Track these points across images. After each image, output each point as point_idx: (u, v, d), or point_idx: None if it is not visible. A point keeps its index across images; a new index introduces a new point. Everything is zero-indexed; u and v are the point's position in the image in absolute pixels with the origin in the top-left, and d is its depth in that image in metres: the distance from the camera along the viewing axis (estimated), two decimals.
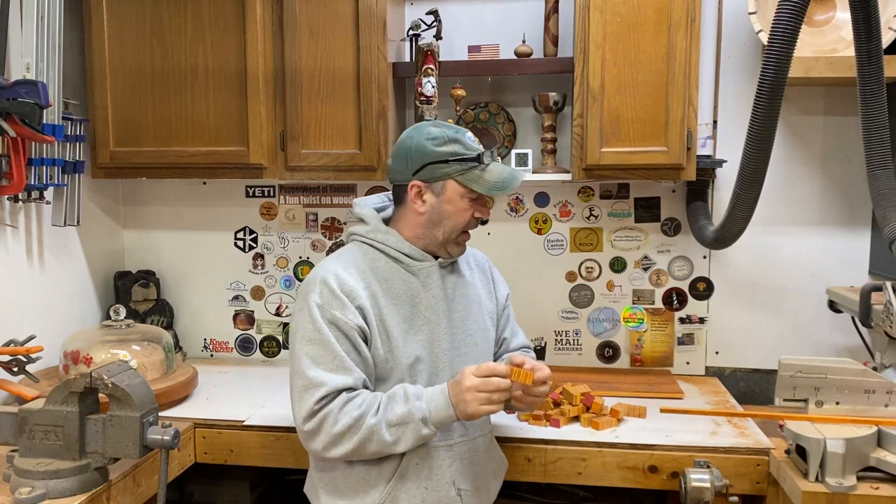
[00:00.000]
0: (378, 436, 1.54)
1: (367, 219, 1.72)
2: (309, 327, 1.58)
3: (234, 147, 2.33)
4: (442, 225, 1.67)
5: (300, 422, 1.57)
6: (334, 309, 1.58)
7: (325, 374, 1.55)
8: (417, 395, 1.57)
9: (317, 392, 1.54)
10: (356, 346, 1.59)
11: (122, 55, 2.36)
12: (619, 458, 1.88)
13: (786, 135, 2.41)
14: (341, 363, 1.56)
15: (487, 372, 1.53)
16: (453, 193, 1.65)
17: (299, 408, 1.57)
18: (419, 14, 2.48)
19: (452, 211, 1.66)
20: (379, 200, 1.80)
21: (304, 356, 1.57)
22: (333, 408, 1.54)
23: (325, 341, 1.57)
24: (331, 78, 2.28)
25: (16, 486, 1.56)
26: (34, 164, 2.12)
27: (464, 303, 1.75)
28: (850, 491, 1.59)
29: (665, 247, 2.54)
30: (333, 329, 1.57)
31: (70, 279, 2.49)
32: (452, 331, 1.71)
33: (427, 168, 1.63)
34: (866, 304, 1.94)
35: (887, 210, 1.66)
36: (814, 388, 1.73)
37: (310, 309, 1.59)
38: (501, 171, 1.67)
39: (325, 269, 1.64)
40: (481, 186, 1.64)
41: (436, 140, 1.63)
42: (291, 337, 1.64)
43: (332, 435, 1.54)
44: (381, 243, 1.68)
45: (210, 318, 2.78)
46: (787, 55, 1.57)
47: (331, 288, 1.59)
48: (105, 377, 1.58)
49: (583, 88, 2.19)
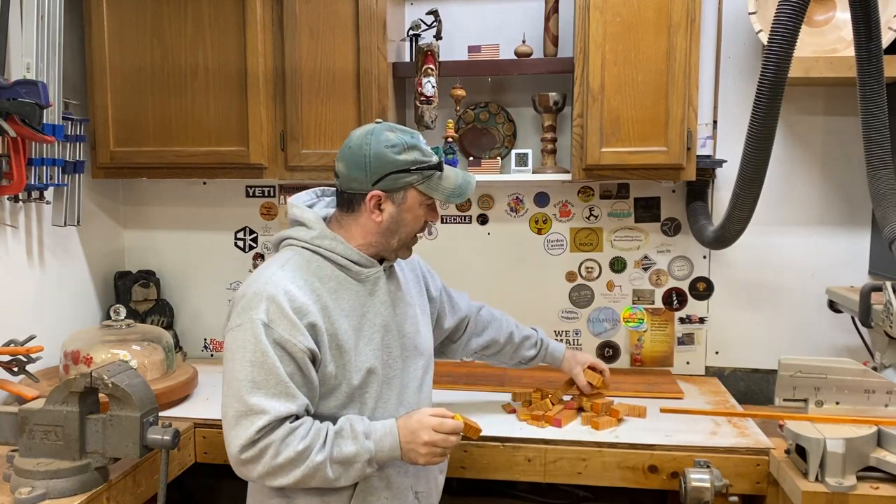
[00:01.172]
0: (321, 473, 1.46)
1: (311, 223, 1.60)
2: (251, 348, 1.45)
3: (234, 147, 2.33)
4: (398, 233, 1.60)
5: (235, 450, 1.44)
6: (282, 329, 1.45)
7: (266, 400, 1.43)
8: (366, 433, 1.50)
9: (257, 420, 1.42)
10: (302, 368, 1.48)
11: (122, 55, 2.36)
12: (619, 458, 1.88)
13: (786, 135, 2.41)
14: (285, 388, 1.45)
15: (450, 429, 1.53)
16: (413, 202, 1.58)
17: (236, 435, 1.44)
18: (419, 14, 2.48)
19: (411, 219, 1.60)
20: (310, 198, 1.70)
21: (243, 379, 1.44)
22: (275, 438, 1.43)
23: (268, 364, 1.44)
24: (331, 78, 2.28)
25: (16, 485, 1.56)
26: (34, 164, 2.12)
27: (402, 306, 1.68)
28: (850, 491, 1.59)
29: (665, 247, 2.54)
30: (278, 350, 1.45)
31: (70, 279, 2.49)
32: (400, 337, 1.65)
33: (389, 178, 1.54)
34: (866, 304, 1.94)
35: (887, 210, 1.66)
36: (814, 388, 1.74)
37: (253, 327, 1.45)
38: (456, 175, 1.61)
39: (271, 282, 1.49)
40: (441, 194, 1.59)
41: (395, 148, 1.54)
42: (228, 355, 1.49)
43: (271, 466, 1.44)
44: (329, 250, 1.57)
45: (210, 318, 2.78)
46: (787, 55, 1.57)
47: (279, 305, 1.46)
48: (105, 377, 1.58)
49: (583, 88, 2.19)
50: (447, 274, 2.56)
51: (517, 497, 2.28)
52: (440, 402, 2.18)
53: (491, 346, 2.04)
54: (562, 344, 2.14)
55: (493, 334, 2.03)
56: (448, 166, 1.62)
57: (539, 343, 2.08)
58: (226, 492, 2.33)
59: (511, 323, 2.07)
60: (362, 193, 1.56)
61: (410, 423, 1.54)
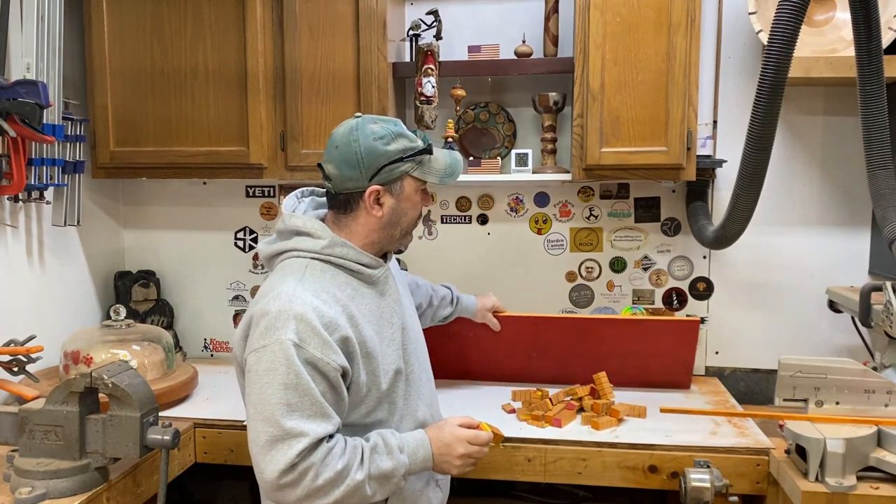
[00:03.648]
0: (361, 491, 1.45)
1: (318, 233, 1.55)
2: (282, 370, 1.40)
3: (235, 147, 2.33)
4: (400, 224, 1.59)
5: (273, 475, 1.39)
6: (313, 348, 1.41)
7: (303, 422, 1.39)
8: (400, 446, 1.50)
9: (296, 444, 1.38)
10: (334, 386, 1.45)
11: (122, 55, 2.36)
12: (619, 458, 1.88)
13: (786, 135, 2.41)
14: (320, 409, 1.42)
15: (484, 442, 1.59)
16: (410, 190, 1.57)
17: (271, 460, 1.39)
18: (419, 14, 2.48)
19: (410, 207, 1.58)
20: (293, 203, 1.66)
21: (277, 403, 1.39)
22: (315, 460, 1.40)
23: (302, 386, 1.40)
24: (331, 78, 2.28)
25: (16, 486, 1.56)
26: (34, 164, 2.12)
27: (404, 299, 1.69)
28: (850, 491, 1.59)
29: (665, 247, 2.55)
30: (311, 370, 1.41)
31: (70, 279, 2.49)
32: (411, 332, 1.66)
33: (384, 170, 1.52)
34: (866, 304, 1.94)
35: (887, 210, 1.66)
36: (814, 388, 1.74)
37: (284, 348, 1.40)
38: (444, 156, 1.60)
39: (296, 300, 1.44)
40: (435, 176, 1.58)
41: (384, 139, 1.52)
42: (254, 377, 1.42)
43: (310, 489, 1.40)
44: (341, 258, 1.54)
45: (210, 318, 2.79)
46: (787, 55, 1.57)
47: (310, 323, 1.42)
48: (105, 377, 1.58)
49: (583, 88, 2.19)
50: (447, 274, 2.57)
51: (517, 497, 2.28)
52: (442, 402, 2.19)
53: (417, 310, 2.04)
54: (472, 296, 2.24)
55: (419, 299, 2.08)
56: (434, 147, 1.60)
57: (454, 300, 2.19)
58: (226, 492, 2.33)
59: (427, 286, 2.13)
60: (359, 191, 1.54)
61: (443, 435, 1.56)
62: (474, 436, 1.58)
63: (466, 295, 2.24)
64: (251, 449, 1.43)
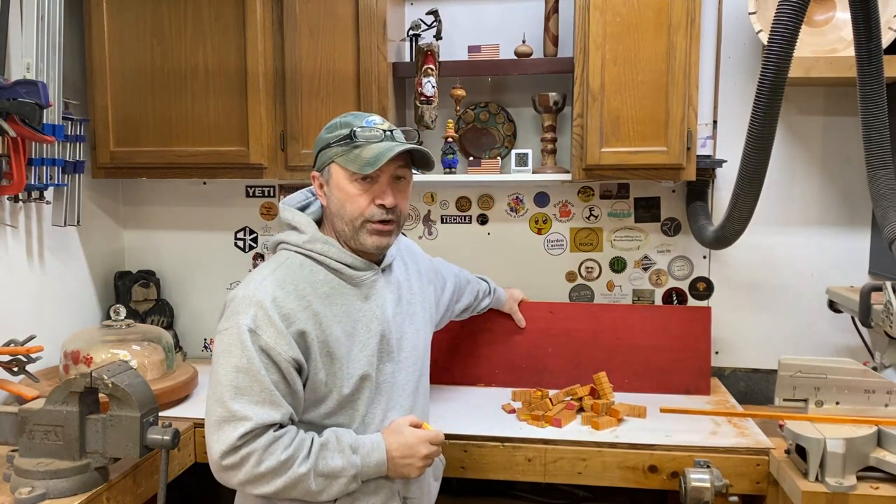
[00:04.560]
0: (304, 484, 1.44)
1: (302, 227, 1.57)
2: (237, 353, 1.43)
3: (235, 147, 2.33)
4: (342, 215, 1.55)
5: (217, 455, 1.42)
6: (267, 337, 1.43)
7: (249, 407, 1.41)
8: (353, 447, 1.49)
9: (239, 427, 1.40)
10: (287, 377, 1.45)
11: (122, 55, 2.36)
12: (619, 458, 1.88)
13: (786, 135, 2.41)
14: (269, 396, 1.42)
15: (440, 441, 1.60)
16: (338, 178, 1.54)
17: (217, 440, 1.41)
18: (419, 14, 2.48)
19: (344, 197, 1.53)
20: (303, 197, 1.68)
21: (227, 384, 1.42)
22: (258, 447, 1.41)
23: (253, 371, 1.42)
24: (331, 78, 2.28)
25: (16, 486, 1.56)
26: (34, 164, 2.12)
27: (403, 305, 1.67)
28: (850, 491, 1.59)
29: (665, 247, 2.55)
30: (264, 357, 1.43)
31: (70, 279, 2.49)
32: (398, 340, 1.63)
33: (320, 156, 1.57)
34: (866, 304, 1.94)
35: (887, 210, 1.66)
36: (814, 388, 1.74)
37: (240, 332, 1.43)
38: (381, 147, 1.50)
39: (260, 288, 1.47)
40: (354, 165, 1.50)
41: (330, 127, 1.55)
42: (215, 358, 1.47)
43: (252, 474, 1.42)
44: (321, 254, 1.55)
45: (210, 318, 2.78)
46: (787, 55, 1.56)
47: (266, 311, 1.44)
48: (105, 377, 1.58)
49: (583, 88, 2.19)
50: None
51: (517, 497, 2.28)
52: (441, 401, 2.19)
53: (467, 309, 2.19)
54: (503, 290, 2.35)
55: (469, 299, 2.17)
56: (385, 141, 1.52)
57: (491, 291, 2.29)
58: (226, 492, 2.32)
59: (474, 280, 2.22)
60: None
61: (404, 438, 1.54)
62: (434, 435, 1.59)
63: (500, 288, 2.35)
64: (205, 427, 1.46)
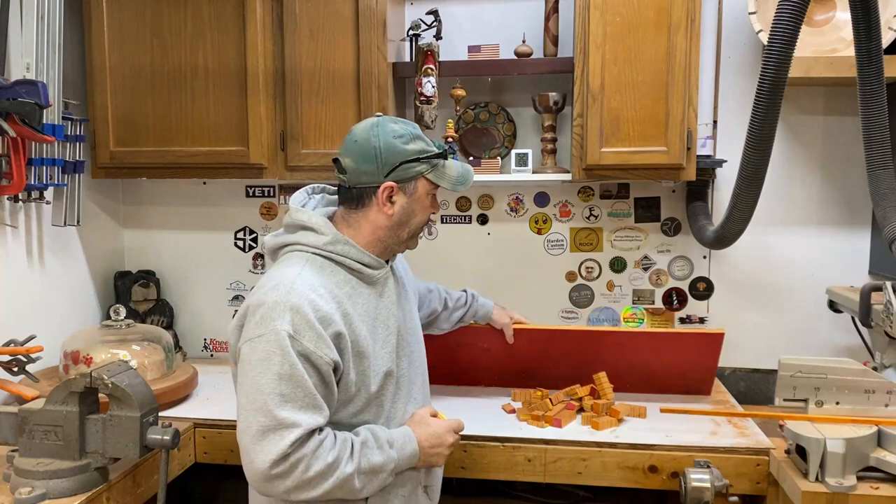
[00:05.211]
0: (349, 484, 1.45)
1: (321, 229, 1.56)
2: (277, 360, 1.40)
3: (234, 147, 2.33)
4: (408, 225, 1.60)
5: (265, 465, 1.39)
6: (307, 341, 1.42)
7: (296, 413, 1.40)
8: (389, 441, 1.51)
9: (289, 434, 1.38)
10: (325, 380, 1.46)
11: (122, 55, 2.36)
12: (619, 458, 1.88)
13: (786, 135, 2.41)
14: (313, 400, 1.42)
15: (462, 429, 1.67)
16: (422, 192, 1.59)
17: (262, 450, 1.39)
18: (419, 14, 2.48)
19: (419, 209, 1.60)
20: (303, 198, 1.67)
21: (270, 392, 1.40)
22: (307, 451, 1.40)
23: (296, 377, 1.40)
24: (331, 78, 2.28)
25: (16, 486, 1.56)
26: (34, 164, 2.12)
27: (404, 302, 1.70)
28: (850, 491, 1.59)
29: (665, 247, 2.55)
30: (304, 362, 1.42)
31: (70, 279, 2.49)
32: (408, 335, 1.66)
33: (400, 168, 1.54)
34: (866, 304, 1.94)
35: (887, 210, 1.66)
36: (814, 388, 1.74)
37: (279, 339, 1.40)
38: (456, 165, 1.63)
39: (293, 292, 1.45)
40: (447, 182, 1.60)
41: (403, 138, 1.55)
42: (247, 367, 1.43)
43: (301, 480, 1.41)
44: (342, 255, 1.55)
45: (210, 318, 2.78)
46: (787, 55, 1.56)
47: (305, 316, 1.42)
48: (105, 377, 1.58)
49: (583, 88, 2.19)
50: (447, 274, 2.57)
51: (517, 497, 2.28)
52: (442, 401, 2.19)
53: (431, 315, 2.09)
54: (490, 301, 2.20)
55: (435, 305, 2.09)
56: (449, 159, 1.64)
57: (468, 301, 2.15)
58: (226, 492, 2.33)
59: (441, 290, 2.12)
60: (374, 186, 1.55)
61: (430, 428, 1.60)
62: (457, 424, 1.66)
63: (485, 298, 2.21)
64: (241, 439, 1.43)
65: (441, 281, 2.22)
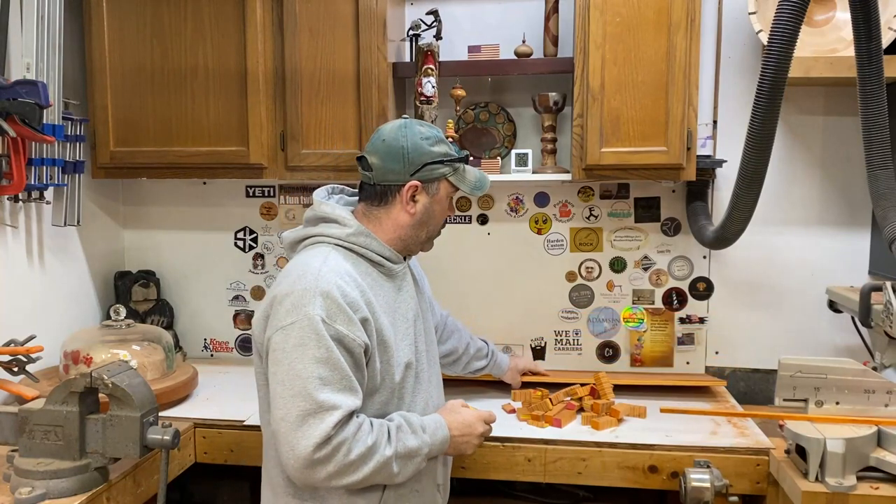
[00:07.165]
0: (388, 468, 1.47)
1: (345, 221, 1.60)
2: (312, 344, 1.42)
3: (234, 147, 2.33)
4: (428, 225, 1.66)
5: (308, 450, 1.39)
6: (339, 324, 1.44)
7: (335, 395, 1.41)
8: (422, 426, 1.55)
9: (330, 417, 1.39)
10: (358, 363, 1.48)
11: (122, 55, 2.36)
12: (619, 458, 1.88)
13: (786, 135, 2.41)
14: (349, 383, 1.45)
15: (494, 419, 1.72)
16: (444, 194, 1.66)
17: (304, 434, 1.39)
18: (419, 14, 2.48)
19: (439, 211, 1.66)
20: (325, 195, 1.71)
21: (309, 377, 1.41)
22: (348, 434, 1.41)
23: (333, 359, 1.42)
24: (331, 78, 2.28)
25: (16, 485, 1.56)
26: (34, 164, 2.12)
27: (420, 296, 1.74)
28: (850, 491, 1.59)
29: (665, 247, 2.54)
30: (338, 345, 1.44)
31: (70, 279, 2.49)
32: (423, 330, 1.70)
33: (425, 168, 1.60)
34: (866, 304, 1.94)
35: (887, 210, 1.66)
36: (814, 388, 1.74)
37: (313, 323, 1.42)
38: (474, 171, 1.71)
39: (321, 279, 1.47)
40: (466, 186, 1.67)
41: (429, 140, 1.61)
42: (282, 355, 1.44)
43: (342, 464, 1.41)
44: (364, 247, 1.59)
45: (210, 318, 2.78)
46: (787, 55, 1.57)
47: (335, 300, 1.45)
48: (105, 377, 1.58)
49: (583, 88, 2.19)
50: (447, 274, 2.57)
51: (517, 497, 2.28)
52: None
53: (451, 355, 2.10)
54: (506, 356, 2.28)
55: (456, 343, 2.10)
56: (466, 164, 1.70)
57: (489, 354, 2.19)
58: (226, 492, 2.33)
59: (467, 334, 2.15)
60: (398, 185, 1.60)
61: (461, 416, 1.64)
62: (489, 414, 1.70)
63: (501, 353, 2.27)
64: (280, 427, 1.43)
65: (441, 281, 2.23)
